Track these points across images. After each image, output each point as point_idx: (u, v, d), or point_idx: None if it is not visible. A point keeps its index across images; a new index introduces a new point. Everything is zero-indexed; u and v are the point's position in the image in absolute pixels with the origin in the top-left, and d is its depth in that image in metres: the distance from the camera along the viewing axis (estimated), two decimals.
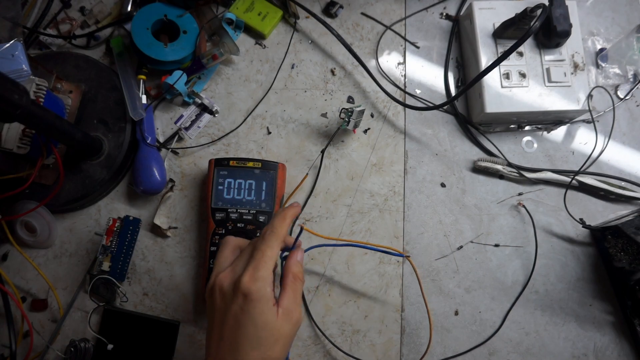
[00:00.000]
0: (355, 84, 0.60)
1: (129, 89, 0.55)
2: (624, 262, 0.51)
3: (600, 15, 0.61)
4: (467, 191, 0.56)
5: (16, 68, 0.50)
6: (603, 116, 0.58)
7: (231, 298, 0.37)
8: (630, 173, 0.57)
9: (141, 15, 0.56)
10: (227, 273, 0.38)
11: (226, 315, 0.37)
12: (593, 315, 0.53)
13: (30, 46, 0.61)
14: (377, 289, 0.54)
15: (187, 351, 0.52)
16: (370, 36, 0.61)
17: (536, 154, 0.57)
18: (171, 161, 0.57)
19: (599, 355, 0.52)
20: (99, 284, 0.53)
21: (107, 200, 0.57)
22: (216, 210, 0.51)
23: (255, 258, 0.37)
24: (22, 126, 0.47)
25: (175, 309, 0.54)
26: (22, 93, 0.38)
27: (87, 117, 0.56)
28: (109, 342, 0.51)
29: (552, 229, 0.55)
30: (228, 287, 0.37)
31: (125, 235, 0.54)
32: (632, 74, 0.59)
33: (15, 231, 0.53)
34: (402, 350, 0.52)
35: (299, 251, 0.41)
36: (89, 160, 0.54)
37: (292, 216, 0.41)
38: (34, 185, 0.53)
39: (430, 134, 0.58)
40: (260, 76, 0.60)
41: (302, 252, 0.42)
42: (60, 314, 0.53)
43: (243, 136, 0.58)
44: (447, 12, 0.62)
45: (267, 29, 0.60)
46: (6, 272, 0.53)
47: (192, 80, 0.59)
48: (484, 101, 0.54)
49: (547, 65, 0.55)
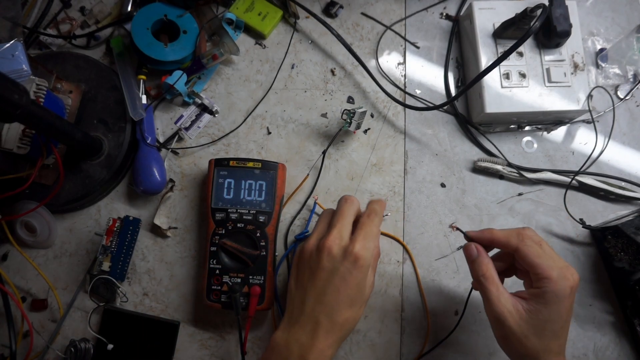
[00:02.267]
0: (355, 84, 0.60)
1: (129, 89, 0.55)
2: (624, 262, 0.51)
3: (600, 15, 0.61)
4: (467, 191, 0.56)
5: (16, 68, 0.50)
6: (603, 116, 0.58)
7: (341, 260, 0.41)
8: (630, 173, 0.57)
9: (141, 15, 0.56)
10: (335, 238, 0.42)
11: (333, 275, 0.41)
12: (593, 315, 0.53)
13: (30, 46, 0.61)
14: (377, 289, 0.54)
15: (187, 351, 0.52)
16: (370, 36, 0.61)
17: (536, 154, 0.57)
18: (171, 161, 0.57)
19: (599, 355, 0.52)
20: (99, 284, 0.53)
21: (107, 200, 0.57)
22: (216, 210, 0.51)
23: (365, 230, 0.42)
24: (22, 126, 0.47)
25: (175, 309, 0.54)
26: (22, 93, 0.38)
27: (87, 117, 0.56)
28: (109, 342, 0.51)
29: (552, 229, 0.55)
30: (338, 251, 0.41)
31: (125, 235, 0.54)
32: (632, 74, 0.59)
33: (15, 231, 0.53)
34: (402, 350, 0.52)
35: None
36: (89, 160, 0.54)
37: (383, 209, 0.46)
38: (34, 185, 0.53)
39: (430, 134, 0.58)
40: (260, 76, 0.60)
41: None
42: (60, 314, 0.53)
43: (243, 136, 0.58)
44: (447, 12, 0.62)
45: (267, 29, 0.60)
46: (6, 272, 0.53)
47: (192, 80, 0.59)
48: (484, 101, 0.54)
49: (547, 65, 0.55)
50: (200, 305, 0.54)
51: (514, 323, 0.40)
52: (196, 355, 0.52)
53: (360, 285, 0.41)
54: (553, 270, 0.39)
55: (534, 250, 0.40)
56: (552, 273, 0.39)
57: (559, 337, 0.40)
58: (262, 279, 0.50)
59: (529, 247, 0.40)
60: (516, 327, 0.40)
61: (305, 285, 0.42)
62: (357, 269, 0.40)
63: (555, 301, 0.39)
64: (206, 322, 0.53)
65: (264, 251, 0.50)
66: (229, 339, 0.53)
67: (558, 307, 0.39)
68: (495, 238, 0.42)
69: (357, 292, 0.41)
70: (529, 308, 0.40)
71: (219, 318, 0.53)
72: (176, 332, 0.52)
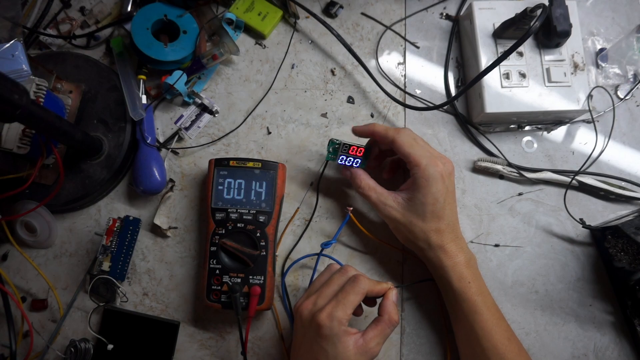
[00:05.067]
0: (355, 84, 0.60)
1: (129, 89, 0.55)
2: (624, 262, 0.51)
3: (600, 15, 0.61)
4: (467, 191, 0.56)
5: (16, 68, 0.50)
6: (603, 116, 0.58)
7: (308, 326, 0.41)
8: (630, 173, 0.57)
9: (141, 15, 0.56)
10: (310, 303, 0.42)
11: (303, 338, 0.42)
12: (593, 315, 0.53)
13: (30, 46, 0.61)
14: None
15: (187, 351, 0.52)
16: (370, 36, 0.61)
17: (536, 154, 0.57)
18: (171, 161, 0.57)
19: (599, 355, 0.52)
20: (99, 284, 0.53)
21: (107, 200, 0.57)
22: (216, 210, 0.51)
23: (338, 298, 0.41)
24: (22, 126, 0.47)
25: (175, 309, 0.54)
26: (22, 93, 0.38)
27: (87, 117, 0.56)
28: (109, 342, 0.50)
29: (552, 229, 0.55)
30: (307, 316, 0.42)
31: (125, 235, 0.54)
32: (632, 74, 0.59)
33: (15, 231, 0.53)
34: (402, 350, 0.52)
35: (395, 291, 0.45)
36: (89, 160, 0.54)
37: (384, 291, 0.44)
38: (34, 185, 0.53)
39: (430, 134, 0.58)
40: (260, 76, 0.60)
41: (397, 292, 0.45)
42: (60, 314, 0.53)
43: (243, 136, 0.58)
44: (447, 12, 0.62)
45: (267, 29, 0.60)
46: (6, 272, 0.53)
47: (192, 80, 0.59)
48: (484, 101, 0.54)
49: (547, 65, 0.55)
50: (200, 305, 0.54)
51: (398, 214, 0.47)
52: (196, 355, 0.52)
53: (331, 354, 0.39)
54: (423, 159, 0.45)
55: (407, 141, 0.46)
56: (422, 161, 0.45)
57: (441, 218, 0.46)
58: (262, 279, 0.50)
59: (403, 138, 0.46)
60: (400, 217, 0.47)
61: (294, 338, 0.45)
62: (320, 337, 0.40)
63: (426, 185, 0.45)
64: (206, 322, 0.53)
65: (264, 251, 0.50)
66: (229, 339, 0.53)
67: (430, 190, 0.45)
68: (376, 130, 0.48)
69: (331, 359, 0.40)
70: (407, 197, 0.47)
71: (219, 318, 0.53)
72: (176, 332, 0.52)
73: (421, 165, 0.45)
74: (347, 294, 0.41)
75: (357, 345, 0.40)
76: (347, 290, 0.41)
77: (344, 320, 0.40)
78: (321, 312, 0.40)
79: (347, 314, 0.40)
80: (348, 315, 0.40)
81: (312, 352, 0.41)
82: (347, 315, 0.40)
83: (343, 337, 0.40)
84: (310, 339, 0.41)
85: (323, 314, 0.40)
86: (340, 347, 0.39)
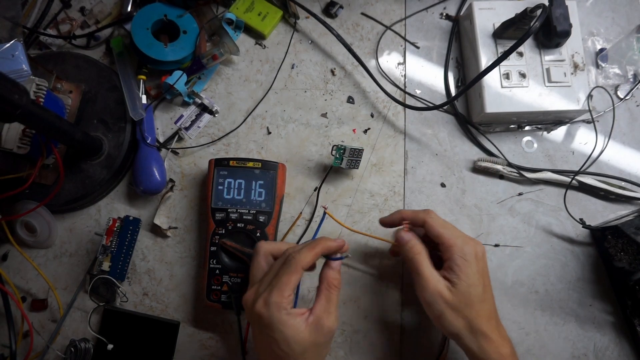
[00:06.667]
0: (355, 84, 0.60)
1: (129, 89, 0.55)
2: (624, 262, 0.51)
3: (600, 15, 0.61)
4: (467, 191, 0.56)
5: (16, 68, 0.50)
6: (603, 116, 0.58)
7: (254, 318, 0.40)
8: (630, 173, 0.57)
9: (141, 15, 0.56)
10: (252, 293, 0.41)
11: (253, 327, 0.41)
12: (593, 315, 0.53)
13: (30, 46, 0.61)
14: (377, 289, 0.54)
15: (187, 351, 0.52)
16: (370, 36, 0.61)
17: (536, 154, 0.57)
18: (171, 161, 0.57)
19: (599, 355, 0.52)
20: (99, 284, 0.53)
21: (107, 200, 0.57)
22: (216, 210, 0.51)
23: (272, 284, 0.39)
24: (22, 126, 0.47)
25: (175, 309, 0.54)
26: (22, 93, 0.38)
27: (87, 117, 0.56)
28: (109, 342, 0.51)
29: (552, 229, 0.55)
30: (250, 306, 0.40)
31: (125, 235, 0.54)
32: (632, 74, 0.59)
33: (15, 231, 0.53)
34: (402, 350, 0.52)
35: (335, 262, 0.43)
36: (89, 160, 0.54)
37: (322, 249, 0.42)
38: (34, 185, 0.53)
39: (430, 134, 0.58)
40: (260, 76, 0.60)
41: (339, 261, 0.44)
42: (60, 314, 0.53)
43: (243, 136, 0.58)
44: (447, 12, 0.62)
45: (267, 29, 0.60)
46: (6, 272, 0.53)
47: (192, 80, 0.59)
48: (484, 101, 0.54)
49: (547, 65, 0.55)
50: (200, 305, 0.54)
51: (448, 300, 0.42)
52: (196, 355, 0.52)
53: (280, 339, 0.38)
54: (457, 239, 0.43)
55: (439, 222, 0.45)
56: (457, 241, 0.43)
57: (485, 301, 0.43)
58: None
59: (435, 219, 0.45)
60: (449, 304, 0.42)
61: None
62: (262, 326, 0.39)
63: (466, 265, 0.42)
64: (206, 322, 0.53)
65: None
66: (229, 339, 0.53)
67: (472, 270, 0.42)
68: (405, 216, 0.47)
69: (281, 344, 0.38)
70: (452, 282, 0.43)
71: (219, 318, 0.53)
72: (176, 332, 0.52)
73: (457, 244, 0.43)
74: (279, 277, 0.39)
75: (308, 323, 0.38)
76: (280, 273, 0.39)
77: (283, 303, 0.38)
78: (257, 302, 0.39)
79: (284, 296, 0.38)
80: (287, 298, 0.38)
81: (265, 343, 0.39)
82: (286, 298, 0.38)
83: (289, 321, 0.38)
84: (259, 331, 0.39)
85: (259, 303, 0.38)
86: (289, 332, 0.38)
